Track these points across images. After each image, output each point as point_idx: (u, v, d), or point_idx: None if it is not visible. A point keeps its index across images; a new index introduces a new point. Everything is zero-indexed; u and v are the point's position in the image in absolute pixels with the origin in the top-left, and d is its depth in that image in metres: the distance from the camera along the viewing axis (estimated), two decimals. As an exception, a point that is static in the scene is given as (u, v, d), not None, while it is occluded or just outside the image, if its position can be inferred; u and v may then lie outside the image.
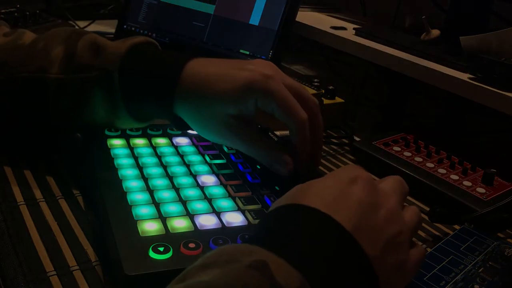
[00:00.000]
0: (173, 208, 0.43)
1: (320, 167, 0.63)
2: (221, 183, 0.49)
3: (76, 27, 1.07)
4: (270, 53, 0.84)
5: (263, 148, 0.49)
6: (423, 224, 0.53)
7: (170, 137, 0.56)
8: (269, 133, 0.59)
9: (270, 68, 0.48)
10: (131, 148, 0.53)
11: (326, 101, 0.75)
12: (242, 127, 0.48)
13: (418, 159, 0.64)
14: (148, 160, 0.51)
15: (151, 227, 0.40)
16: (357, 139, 0.73)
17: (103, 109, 0.51)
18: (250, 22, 0.87)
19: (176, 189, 0.46)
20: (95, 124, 0.54)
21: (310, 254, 0.30)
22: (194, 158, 0.52)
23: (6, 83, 0.51)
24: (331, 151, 0.69)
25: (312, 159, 0.51)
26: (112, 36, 0.99)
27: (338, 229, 0.31)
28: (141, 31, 0.96)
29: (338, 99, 0.77)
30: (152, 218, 0.41)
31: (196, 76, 0.48)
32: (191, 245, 0.38)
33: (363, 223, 0.32)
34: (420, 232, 0.52)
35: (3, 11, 1.02)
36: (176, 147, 0.54)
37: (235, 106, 0.47)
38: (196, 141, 0.56)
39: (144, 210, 0.42)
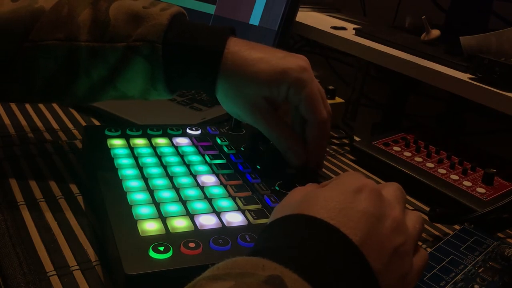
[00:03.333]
0: (173, 208, 0.43)
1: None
2: (221, 183, 0.49)
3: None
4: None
5: (283, 135, 0.50)
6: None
7: (170, 137, 0.56)
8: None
9: (306, 63, 0.50)
10: (131, 148, 0.52)
11: (326, 101, 0.75)
12: (270, 110, 0.50)
13: (418, 159, 0.64)
14: (148, 160, 0.51)
15: (151, 226, 0.40)
16: (357, 139, 0.73)
17: (140, 79, 0.50)
18: (250, 22, 0.87)
19: (176, 189, 0.46)
20: (126, 96, 0.52)
21: (321, 269, 0.30)
22: (194, 158, 0.52)
23: (33, 50, 0.48)
24: (331, 151, 0.69)
25: (316, 163, 0.53)
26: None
27: (346, 242, 0.31)
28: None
29: (338, 99, 0.77)
30: (152, 218, 0.41)
31: (238, 54, 0.49)
32: (191, 244, 0.38)
33: (369, 235, 0.32)
34: (420, 232, 0.52)
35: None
36: (176, 147, 0.54)
37: (269, 88, 0.49)
38: (196, 141, 0.56)
39: (144, 210, 0.42)
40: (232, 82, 0.49)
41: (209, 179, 0.49)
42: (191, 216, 0.43)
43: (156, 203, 0.44)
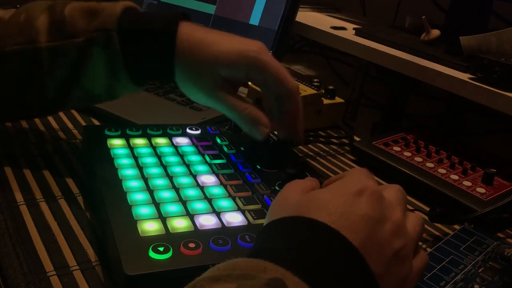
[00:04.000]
0: (173, 208, 0.43)
1: (321, 168, 0.63)
2: (221, 183, 0.49)
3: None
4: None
5: (245, 111, 0.51)
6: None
7: (170, 137, 0.56)
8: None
9: (263, 45, 0.52)
10: (131, 148, 0.52)
11: (326, 101, 0.75)
12: (230, 90, 0.51)
13: (418, 159, 0.64)
14: (148, 160, 0.51)
15: (151, 227, 0.40)
16: (357, 139, 0.73)
17: (103, 72, 0.51)
18: (250, 22, 0.87)
19: (176, 189, 0.46)
20: (93, 95, 0.53)
21: (322, 272, 0.30)
22: (194, 158, 0.52)
23: None
24: (331, 151, 0.69)
25: (295, 135, 0.53)
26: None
27: (347, 246, 0.31)
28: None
29: (338, 99, 0.77)
30: (152, 218, 0.41)
31: (193, 35, 0.50)
32: (191, 245, 0.38)
33: (369, 239, 0.32)
34: (420, 232, 0.52)
35: (3, 11, 1.02)
36: (176, 147, 0.54)
37: (227, 68, 0.50)
38: (196, 141, 0.56)
39: (144, 210, 0.42)
40: (190, 64, 0.50)
41: (209, 179, 0.49)
42: (191, 216, 0.43)
43: (156, 203, 0.44)
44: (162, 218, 0.42)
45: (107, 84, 0.52)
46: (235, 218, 0.43)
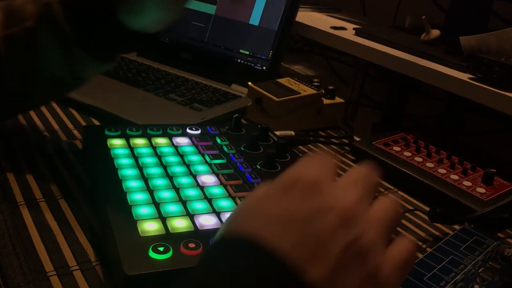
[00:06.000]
0: (173, 208, 0.43)
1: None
2: (221, 183, 0.49)
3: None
4: (270, 53, 0.84)
5: None
6: (423, 224, 0.53)
7: (170, 137, 0.56)
8: (269, 133, 0.59)
9: None
10: (131, 148, 0.52)
11: (326, 101, 0.75)
12: None
13: (418, 159, 0.64)
14: (148, 160, 0.51)
15: (151, 227, 0.40)
16: (357, 139, 0.73)
17: (56, 50, 0.50)
18: (250, 22, 0.87)
19: (176, 189, 0.46)
20: (57, 80, 0.52)
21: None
22: (194, 158, 0.52)
23: None
24: (331, 151, 0.69)
25: None
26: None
27: (271, 260, 0.26)
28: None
29: (338, 99, 0.77)
30: (152, 218, 0.41)
31: None
32: (191, 245, 0.38)
33: (303, 240, 0.26)
34: (420, 232, 0.52)
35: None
36: (176, 147, 0.54)
37: None
38: (196, 141, 0.56)
39: (144, 210, 0.42)
40: (133, 2, 0.48)
41: (209, 179, 0.49)
42: (191, 216, 0.43)
43: (156, 203, 0.44)
44: (162, 218, 0.42)
45: (66, 65, 0.51)
46: (235, 218, 0.43)
